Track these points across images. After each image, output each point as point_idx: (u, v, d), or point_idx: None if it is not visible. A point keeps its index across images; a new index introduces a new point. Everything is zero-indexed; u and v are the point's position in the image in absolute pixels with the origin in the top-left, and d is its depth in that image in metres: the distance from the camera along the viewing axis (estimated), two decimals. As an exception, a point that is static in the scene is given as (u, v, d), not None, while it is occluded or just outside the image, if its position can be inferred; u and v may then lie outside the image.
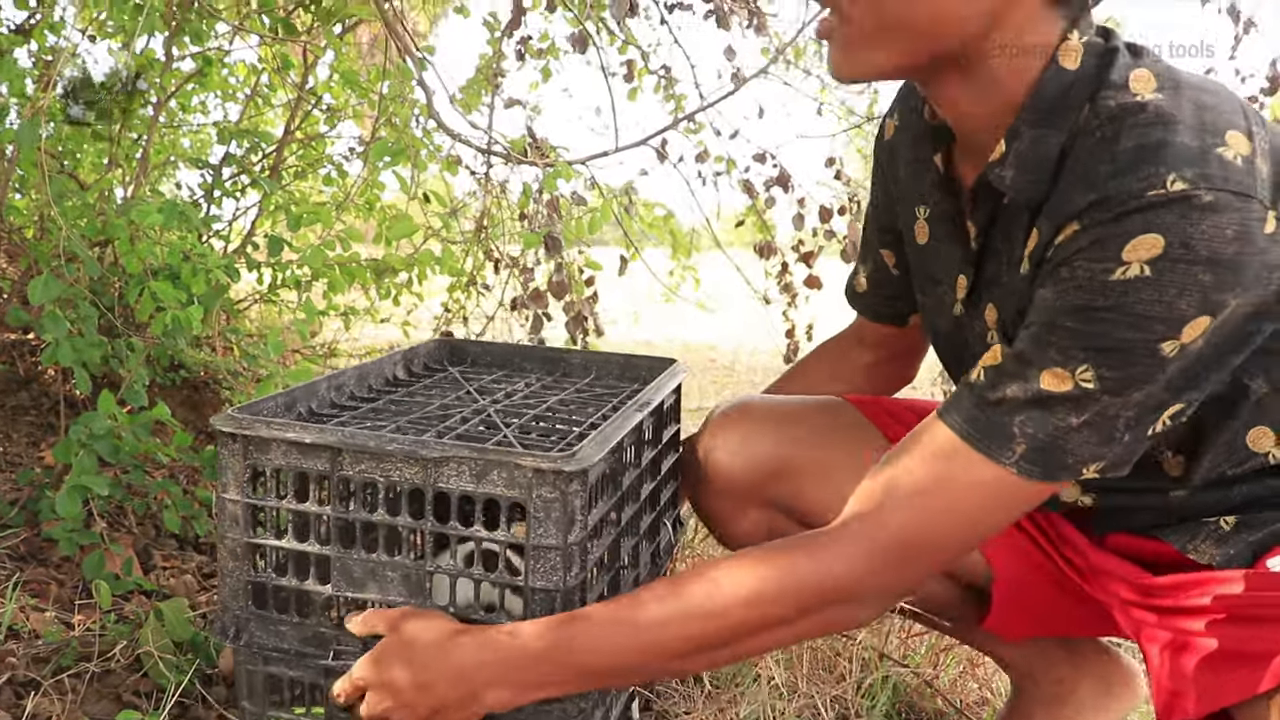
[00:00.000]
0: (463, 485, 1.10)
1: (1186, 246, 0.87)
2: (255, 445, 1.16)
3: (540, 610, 1.10)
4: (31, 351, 2.57)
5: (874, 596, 1.05)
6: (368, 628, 1.12)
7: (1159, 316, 0.89)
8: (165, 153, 3.13)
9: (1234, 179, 0.88)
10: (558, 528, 1.08)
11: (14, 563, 1.81)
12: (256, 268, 2.39)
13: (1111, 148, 0.92)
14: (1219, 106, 0.93)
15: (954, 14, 0.97)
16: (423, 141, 2.55)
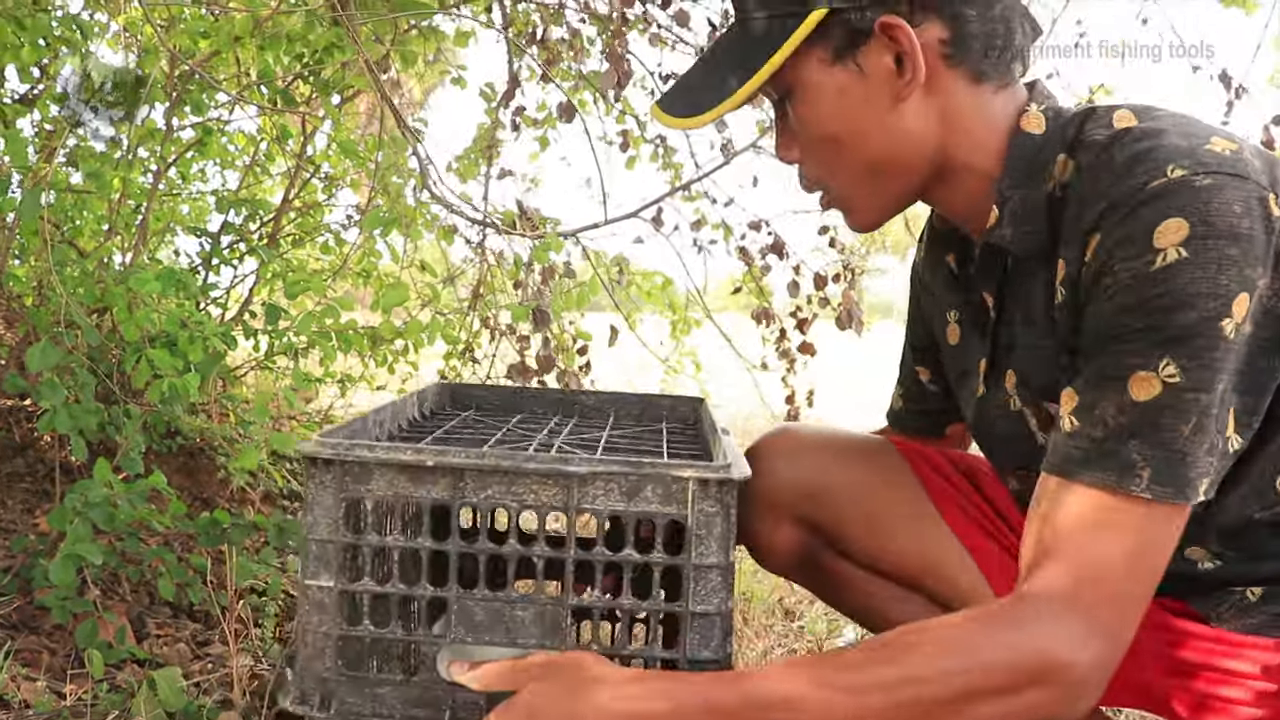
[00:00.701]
0: (612, 505, 1.02)
1: (1208, 224, 0.92)
2: (354, 473, 1.04)
3: (700, 637, 1.01)
4: (28, 418, 2.58)
5: (1091, 667, 0.94)
6: (493, 680, 1.03)
7: (1209, 293, 0.91)
8: (164, 220, 3.16)
9: (1226, 163, 0.94)
10: (719, 544, 1.00)
11: (6, 631, 1.81)
12: (254, 335, 2.41)
13: (1109, 165, 0.99)
14: (1200, 124, 1.01)
15: (906, 138, 1.09)
16: (417, 211, 2.58)
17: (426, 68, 3.91)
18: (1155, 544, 0.95)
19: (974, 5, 1.06)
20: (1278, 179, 0.97)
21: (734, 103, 1.07)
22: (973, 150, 1.10)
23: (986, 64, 1.08)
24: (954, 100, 1.09)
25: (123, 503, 1.83)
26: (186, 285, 2.06)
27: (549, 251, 2.47)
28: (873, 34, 1.05)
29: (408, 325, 2.27)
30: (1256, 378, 0.97)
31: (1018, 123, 1.10)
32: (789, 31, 1.06)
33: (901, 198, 1.15)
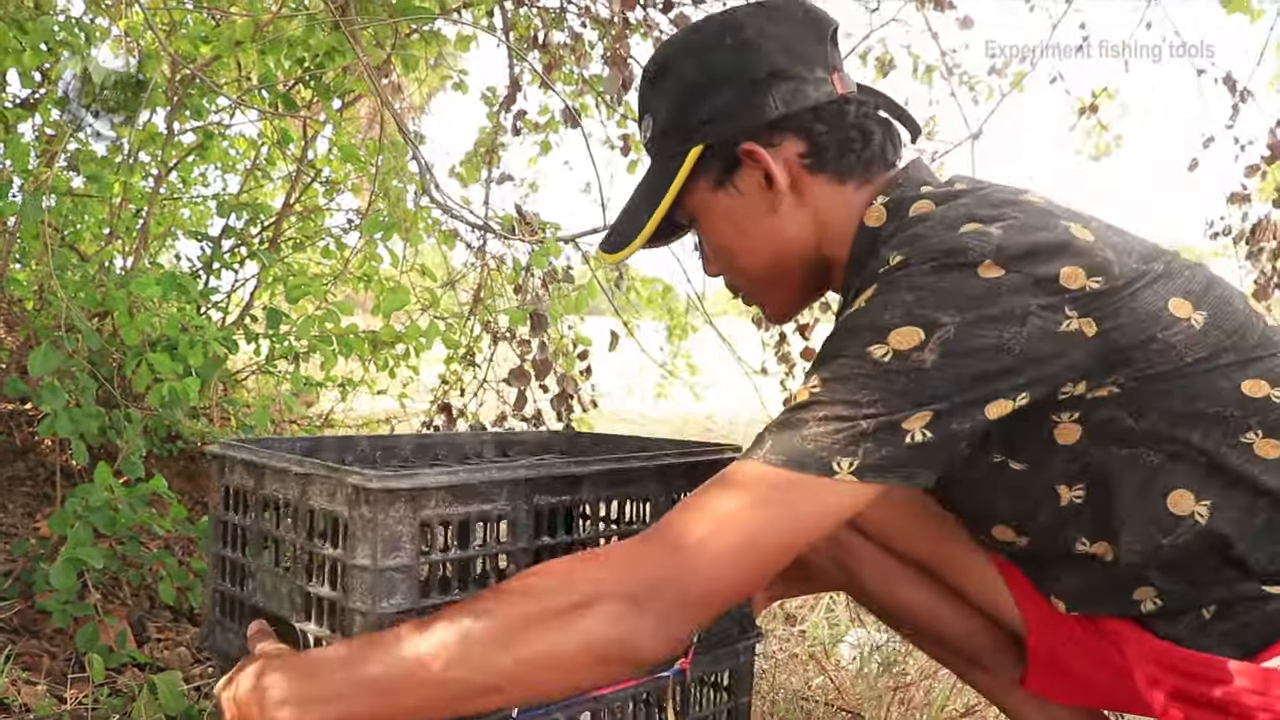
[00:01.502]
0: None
1: (892, 287, 1.04)
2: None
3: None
4: (29, 422, 2.58)
5: (651, 641, 1.00)
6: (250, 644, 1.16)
7: (865, 326, 1.03)
8: (165, 224, 3.16)
9: (941, 248, 1.04)
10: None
11: (6, 635, 1.81)
12: (254, 339, 2.41)
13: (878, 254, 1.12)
14: (975, 205, 1.10)
15: (788, 243, 1.25)
16: (417, 215, 2.58)
17: (428, 72, 3.92)
18: (770, 508, 1.00)
19: (824, 120, 1.21)
20: (1011, 246, 1.03)
21: (644, 237, 1.24)
22: (838, 244, 1.24)
23: (844, 165, 1.23)
24: (821, 202, 1.23)
25: (123, 506, 1.83)
26: (187, 289, 2.06)
27: (548, 256, 2.47)
28: (740, 160, 1.21)
29: (408, 329, 2.27)
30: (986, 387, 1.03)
31: (862, 218, 1.22)
32: (676, 169, 1.23)
33: (801, 292, 1.32)
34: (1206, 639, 1.11)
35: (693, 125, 1.22)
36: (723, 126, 1.21)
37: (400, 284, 2.82)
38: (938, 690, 1.94)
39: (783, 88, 1.20)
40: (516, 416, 2.76)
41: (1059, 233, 1.06)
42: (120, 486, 1.85)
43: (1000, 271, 1.02)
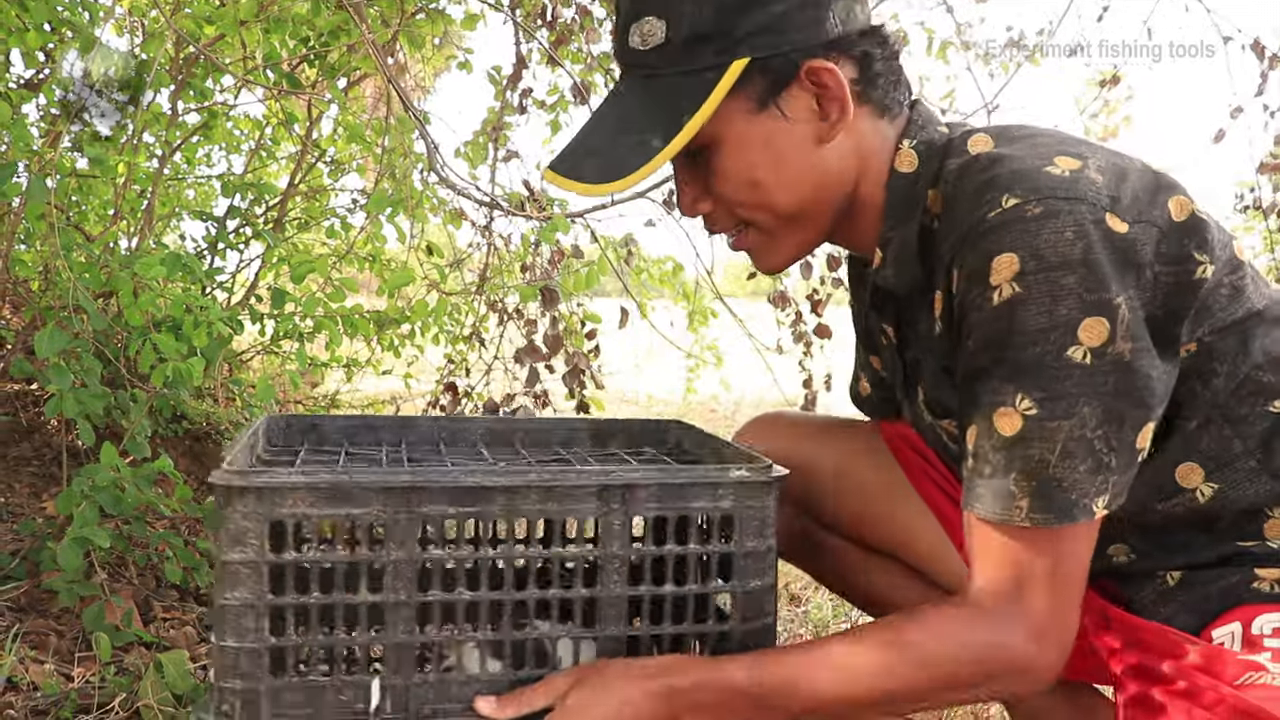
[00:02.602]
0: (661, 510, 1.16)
1: (1038, 256, 0.95)
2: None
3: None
4: (35, 402, 2.58)
5: (1035, 663, 1.04)
6: (525, 704, 1.11)
7: (1048, 326, 0.95)
8: (170, 205, 3.16)
9: (1061, 188, 0.97)
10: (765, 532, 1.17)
11: (14, 614, 1.81)
12: (259, 319, 2.41)
13: (960, 196, 1.04)
14: (1051, 142, 1.04)
15: (829, 178, 1.12)
16: (423, 194, 2.57)
17: (433, 52, 3.91)
18: (1062, 560, 1.01)
19: (877, 44, 1.10)
20: (1122, 193, 0.98)
21: (659, 162, 1.06)
22: (873, 185, 1.14)
23: (886, 98, 1.13)
24: (865, 137, 1.12)
25: (129, 486, 1.83)
26: (192, 269, 2.05)
27: (556, 233, 2.46)
28: (796, 79, 1.07)
29: (414, 307, 2.27)
30: (1162, 383, 1.00)
31: (893, 161, 1.13)
32: (711, 85, 1.05)
33: (817, 239, 1.19)
34: (1166, 608, 1.11)
35: (739, 34, 1.05)
36: (778, 39, 1.05)
37: (405, 264, 2.82)
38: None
39: (839, 3, 1.07)
40: (527, 395, 2.76)
41: (1135, 162, 1.03)
42: (126, 466, 1.85)
43: (1124, 225, 0.97)
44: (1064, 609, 1.02)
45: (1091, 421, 0.96)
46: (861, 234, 1.19)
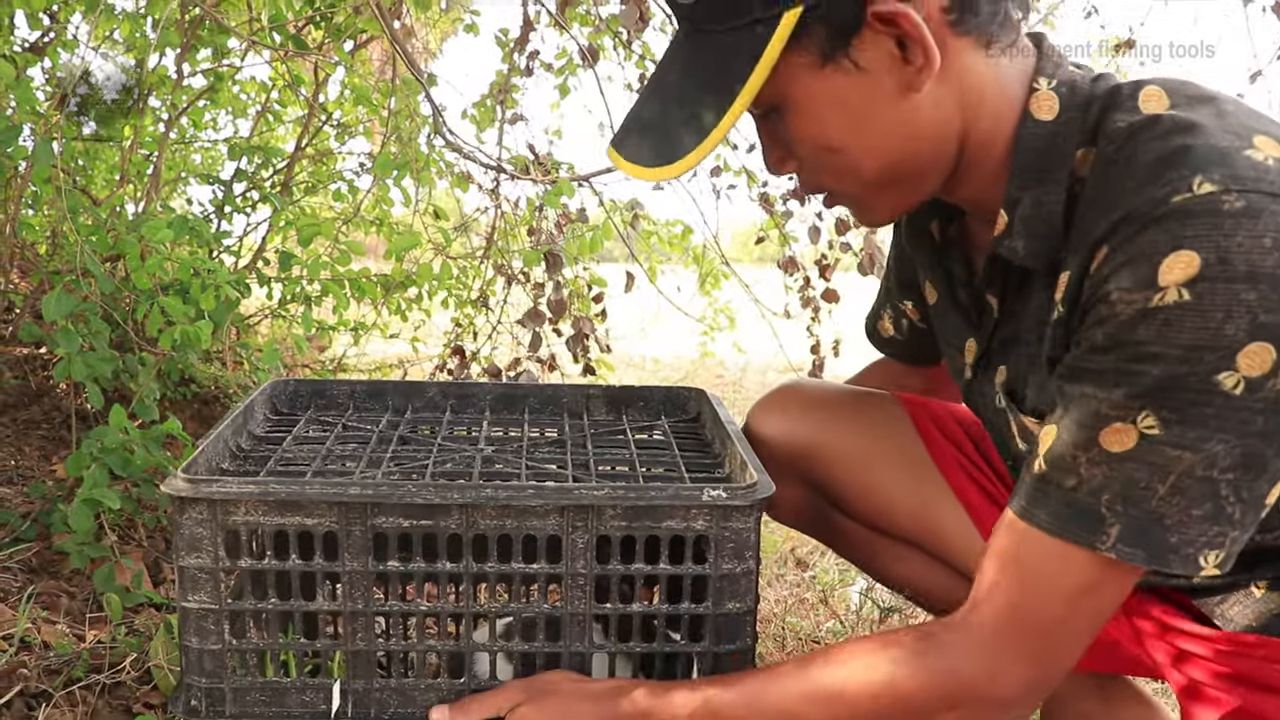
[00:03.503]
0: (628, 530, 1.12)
1: (1225, 262, 0.78)
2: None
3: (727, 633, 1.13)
4: (44, 366, 2.59)
5: (1014, 695, 0.96)
6: (476, 711, 1.12)
7: (1206, 345, 0.79)
8: (177, 169, 3.15)
9: (1266, 180, 0.80)
10: (746, 554, 1.14)
11: (26, 575, 1.82)
12: (267, 283, 2.41)
13: (1130, 164, 0.86)
14: (1240, 114, 0.88)
15: (924, 134, 0.95)
16: (429, 157, 2.56)
17: (440, 16, 3.88)
18: (1105, 597, 0.91)
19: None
20: None
21: (713, 142, 0.92)
22: (990, 134, 0.97)
23: (998, 26, 0.94)
24: (969, 75, 0.94)
25: (138, 449, 1.84)
26: (199, 232, 2.05)
27: (561, 196, 2.45)
28: (864, 24, 0.89)
29: (419, 269, 2.26)
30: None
31: (1027, 104, 0.95)
32: (763, 42, 0.89)
33: (919, 198, 1.03)
34: (1259, 619, 1.00)
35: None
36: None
37: (411, 227, 2.81)
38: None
39: None
40: (531, 359, 2.76)
41: None
42: (135, 429, 1.85)
43: None
44: (1072, 657, 0.94)
45: (1225, 462, 0.81)
46: (979, 190, 1.02)
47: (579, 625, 1.15)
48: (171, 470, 1.10)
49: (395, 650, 1.18)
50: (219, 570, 1.11)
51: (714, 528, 1.12)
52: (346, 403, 1.57)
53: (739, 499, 1.11)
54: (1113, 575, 0.89)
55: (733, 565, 1.13)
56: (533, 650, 1.16)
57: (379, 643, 1.15)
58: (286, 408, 1.55)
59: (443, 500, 1.10)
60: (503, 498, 1.10)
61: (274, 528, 1.11)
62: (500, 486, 1.11)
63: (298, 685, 1.16)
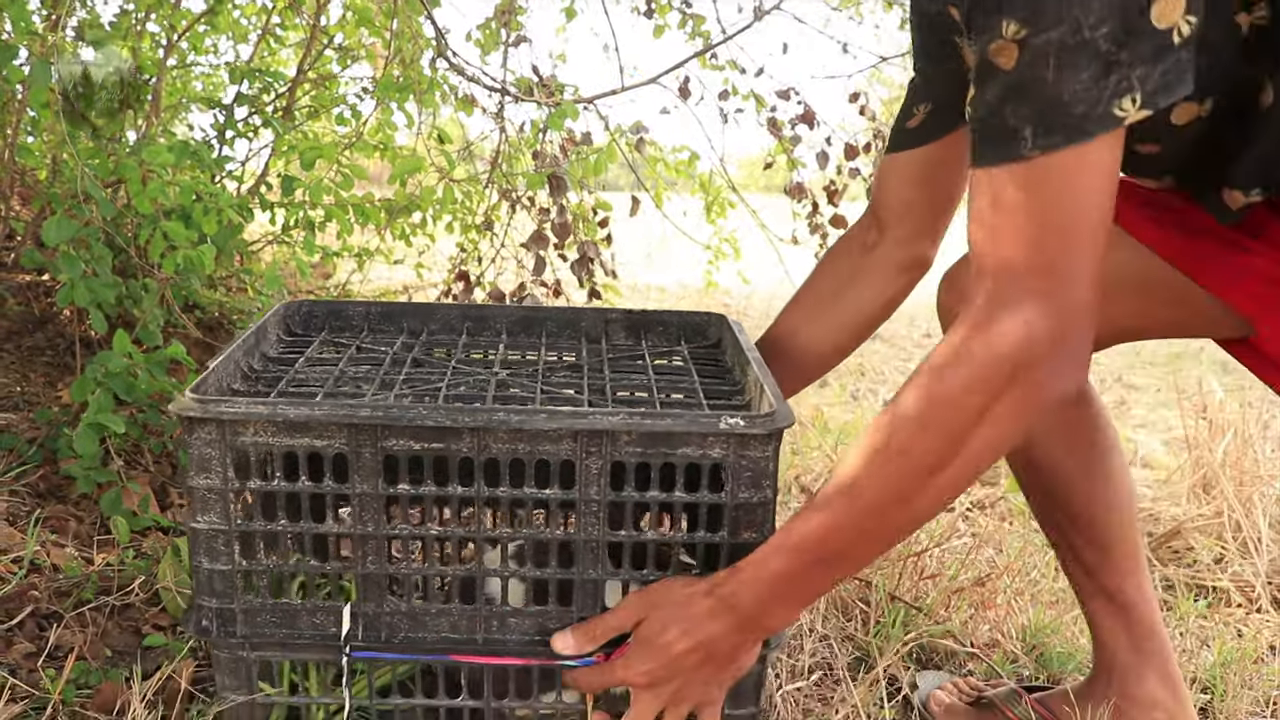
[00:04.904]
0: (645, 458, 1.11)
1: None
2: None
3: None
4: (47, 292, 2.58)
5: (1048, 344, 0.95)
6: (601, 634, 1.14)
7: None
8: (177, 95, 3.12)
9: None
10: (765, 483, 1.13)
11: (34, 499, 1.83)
12: (270, 208, 2.39)
13: None
14: None
15: None
16: (433, 80, 2.53)
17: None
18: (1076, 192, 0.92)
19: None
20: None
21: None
22: None
23: None
24: None
25: (142, 373, 1.83)
26: (201, 157, 2.03)
27: (565, 119, 2.42)
28: None
29: (422, 193, 2.24)
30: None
31: None
32: None
33: None
34: None
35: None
36: None
37: (414, 150, 2.78)
38: (950, 561, 1.95)
39: None
40: (536, 283, 2.75)
41: None
42: (139, 353, 1.85)
43: None
44: (1081, 279, 0.94)
45: (1088, 20, 0.86)
46: None
47: (592, 552, 1.14)
48: (177, 394, 1.09)
49: (407, 574, 1.17)
50: (228, 491, 1.10)
51: (731, 456, 1.10)
52: (361, 324, 1.56)
53: (757, 427, 1.09)
54: (1060, 171, 0.91)
55: (749, 494, 1.12)
56: (545, 576, 1.15)
57: (389, 566, 1.15)
58: (300, 329, 1.54)
59: (453, 423, 1.08)
60: (515, 422, 1.08)
61: (283, 449, 1.09)
62: (512, 410, 1.09)
63: (308, 607, 1.15)
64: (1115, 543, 1.39)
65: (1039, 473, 1.41)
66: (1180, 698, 1.41)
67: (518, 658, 1.17)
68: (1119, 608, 1.40)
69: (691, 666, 1.11)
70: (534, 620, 1.17)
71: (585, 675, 1.15)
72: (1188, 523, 2.29)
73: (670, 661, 1.10)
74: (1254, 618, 1.98)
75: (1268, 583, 2.07)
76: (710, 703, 1.15)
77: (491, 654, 1.17)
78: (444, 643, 1.17)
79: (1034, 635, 1.75)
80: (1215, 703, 1.61)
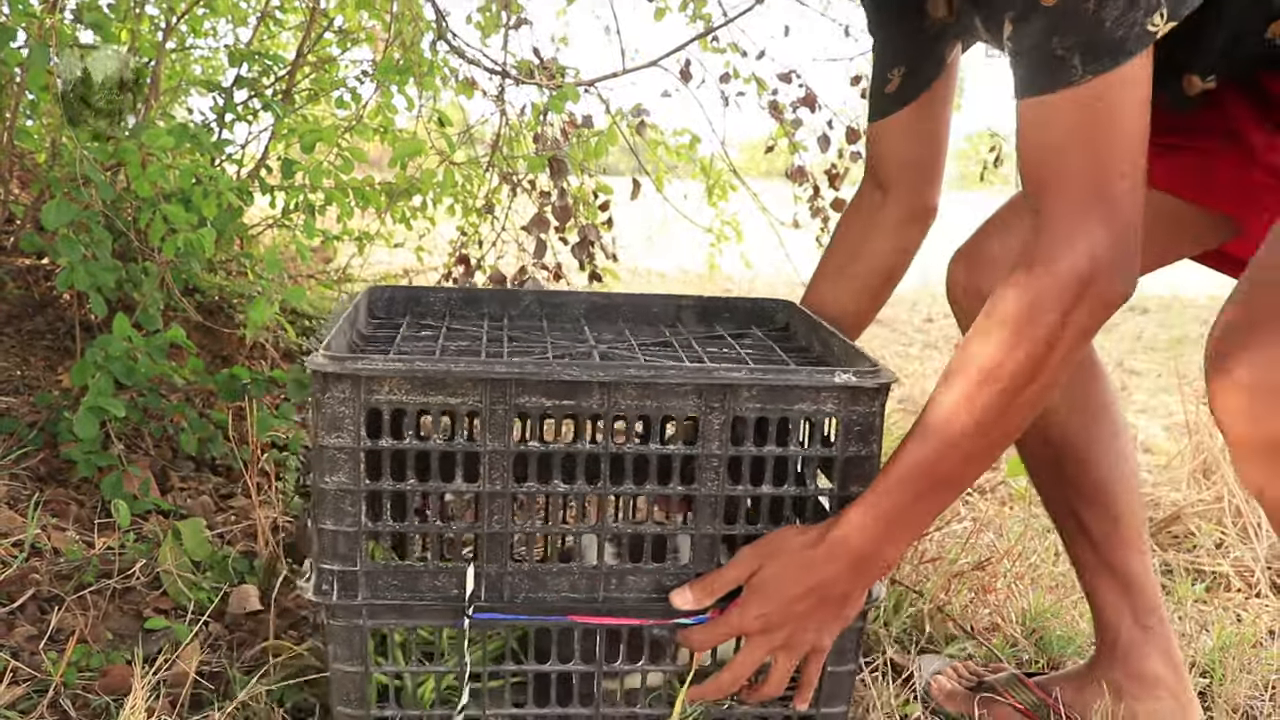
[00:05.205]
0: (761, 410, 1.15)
1: None
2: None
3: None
4: (47, 276, 2.58)
5: (1103, 260, 1.04)
6: (720, 587, 1.17)
7: None
8: (176, 78, 3.10)
9: None
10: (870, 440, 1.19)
11: (34, 483, 1.83)
12: (269, 191, 2.38)
13: None
14: None
15: None
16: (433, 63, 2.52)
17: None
18: (1125, 106, 1.01)
19: None
20: None
21: None
22: None
23: None
24: None
25: (142, 357, 1.83)
26: (200, 140, 2.02)
27: (566, 102, 2.41)
28: None
29: (422, 176, 2.24)
30: None
31: None
32: None
33: None
34: None
35: None
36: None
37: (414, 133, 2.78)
38: (950, 545, 1.96)
39: None
40: (537, 266, 2.74)
41: None
42: (139, 337, 1.85)
43: None
44: (1130, 174, 1.03)
45: None
46: None
47: (711, 507, 1.17)
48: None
49: (530, 533, 1.19)
50: (359, 450, 1.10)
51: (842, 410, 1.16)
52: (442, 310, 1.57)
53: (868, 381, 1.15)
54: (1105, 94, 1.00)
55: (858, 448, 1.17)
56: (665, 533, 1.19)
57: (514, 526, 1.16)
58: (383, 314, 1.55)
59: (588, 377, 1.10)
60: (646, 376, 1.12)
61: (417, 406, 1.11)
62: (642, 366, 1.13)
63: (431, 569, 1.16)
64: (1124, 514, 1.41)
65: (1052, 447, 1.43)
66: (1182, 678, 1.42)
67: (635, 618, 1.19)
68: (1124, 584, 1.41)
69: (804, 612, 1.15)
70: (652, 578, 1.19)
71: (700, 631, 1.18)
72: (1188, 508, 2.29)
73: (784, 606, 1.14)
74: (1253, 602, 1.99)
75: (1267, 568, 2.07)
76: (819, 650, 1.20)
77: (609, 614, 1.19)
78: (564, 602, 1.18)
79: (1034, 619, 1.76)
80: (1214, 686, 1.61)
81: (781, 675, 1.20)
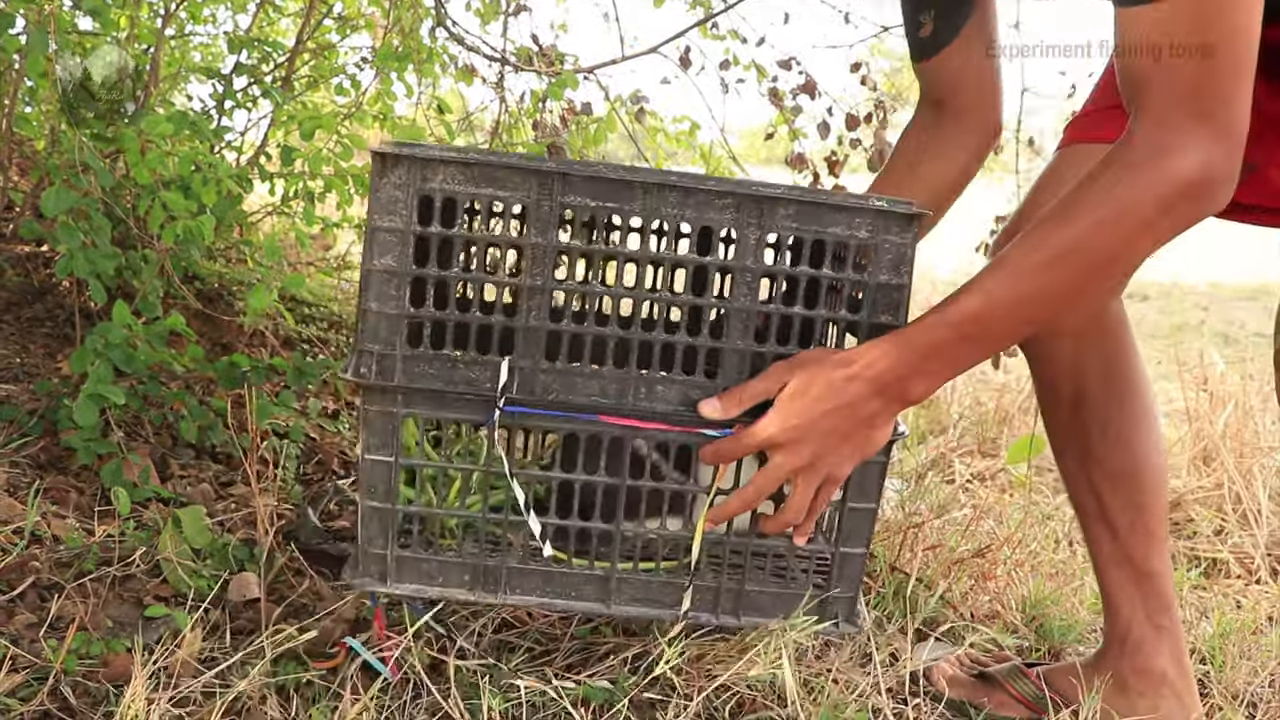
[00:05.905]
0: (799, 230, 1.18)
1: None
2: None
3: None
4: (46, 263, 2.57)
5: (1203, 162, 1.04)
6: (749, 398, 1.17)
7: None
8: (175, 65, 3.10)
9: None
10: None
11: (34, 471, 1.83)
12: (269, 179, 2.37)
13: None
14: None
15: None
16: (432, 50, 2.51)
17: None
18: (1236, 11, 0.99)
19: None
20: None
21: None
22: None
23: None
24: None
25: (142, 344, 1.83)
26: (200, 127, 2.02)
27: (565, 89, 2.40)
28: None
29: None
30: None
31: None
32: None
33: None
34: None
35: None
36: None
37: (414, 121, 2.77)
38: (950, 532, 1.96)
39: None
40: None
41: None
42: (138, 324, 1.84)
43: None
44: (1239, 83, 1.02)
45: None
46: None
47: (743, 323, 1.19)
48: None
49: (566, 330, 1.20)
50: (410, 233, 1.15)
51: (876, 237, 1.18)
52: None
53: (901, 208, 1.18)
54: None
55: (889, 277, 1.20)
56: (696, 345, 1.20)
57: (551, 323, 1.19)
58: None
59: (631, 178, 1.15)
60: (688, 182, 1.16)
61: (468, 196, 1.15)
62: (683, 175, 1.17)
63: (466, 359, 1.19)
64: (1149, 504, 1.40)
65: (1086, 432, 1.42)
66: (1187, 681, 1.41)
67: (663, 424, 1.21)
68: (1141, 577, 1.40)
69: (829, 430, 1.15)
70: (680, 389, 1.21)
71: (726, 443, 1.19)
72: (1188, 495, 2.30)
73: (811, 422, 1.14)
74: (1253, 589, 1.99)
75: (1267, 554, 2.07)
76: (835, 480, 1.20)
77: (638, 419, 1.21)
78: (593, 405, 1.21)
79: (1034, 606, 1.76)
80: (1214, 673, 1.61)
81: (800, 500, 1.19)
